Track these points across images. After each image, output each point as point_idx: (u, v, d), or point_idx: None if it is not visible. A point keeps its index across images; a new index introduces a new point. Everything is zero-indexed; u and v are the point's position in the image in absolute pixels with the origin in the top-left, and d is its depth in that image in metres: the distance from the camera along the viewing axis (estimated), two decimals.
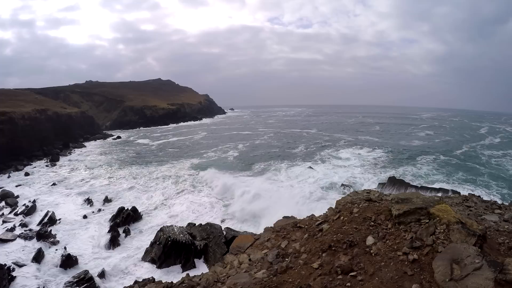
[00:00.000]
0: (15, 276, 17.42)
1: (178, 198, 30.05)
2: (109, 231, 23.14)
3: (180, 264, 18.98)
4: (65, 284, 16.53)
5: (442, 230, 5.54)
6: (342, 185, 30.16)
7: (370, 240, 6.09)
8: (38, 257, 19.66)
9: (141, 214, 26.44)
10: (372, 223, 6.50)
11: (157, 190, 32.26)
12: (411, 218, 6.11)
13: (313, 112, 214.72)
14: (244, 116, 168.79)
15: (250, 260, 7.50)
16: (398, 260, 5.39)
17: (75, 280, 16.72)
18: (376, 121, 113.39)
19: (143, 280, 9.36)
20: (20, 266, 18.71)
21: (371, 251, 5.82)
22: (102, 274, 17.83)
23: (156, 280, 9.03)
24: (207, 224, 22.01)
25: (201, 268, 17.88)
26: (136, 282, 8.94)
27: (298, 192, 28.63)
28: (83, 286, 16.05)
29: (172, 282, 7.29)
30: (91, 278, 16.93)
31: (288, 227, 8.56)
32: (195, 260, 19.51)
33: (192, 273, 11.38)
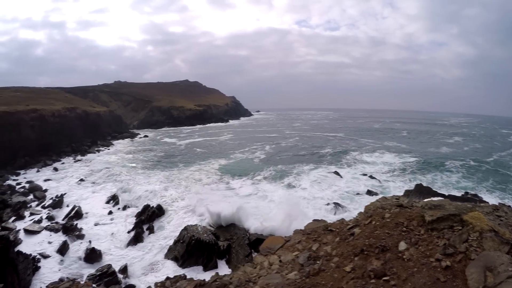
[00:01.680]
0: (40, 267, 17.88)
1: (204, 199, 29.98)
2: (133, 228, 23.37)
3: (202, 264, 18.86)
4: (88, 276, 16.72)
5: (475, 238, 5.60)
6: (368, 191, 29.56)
7: (402, 245, 6.12)
8: (63, 250, 20.10)
9: (166, 212, 26.53)
10: (405, 229, 6.53)
11: (182, 189, 32.36)
12: (444, 225, 6.18)
13: (340, 116, 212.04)
14: (271, 119, 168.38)
15: (280, 261, 7.48)
16: (431, 266, 5.44)
17: (98, 273, 16.90)
18: (403, 127, 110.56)
19: (175, 276, 9.34)
20: (45, 257, 19.19)
21: (404, 256, 5.85)
22: (124, 270, 17.95)
23: (188, 278, 8.96)
24: (231, 225, 21.90)
25: (223, 269, 17.74)
26: (168, 278, 8.95)
27: (320, 197, 28.32)
28: (105, 280, 16.17)
29: (204, 280, 7.25)
30: (114, 273, 17.08)
31: (319, 230, 8.62)
32: (218, 260, 19.34)
33: (213, 273, 11.21)
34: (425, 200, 8.37)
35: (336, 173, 35.82)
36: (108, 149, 60.62)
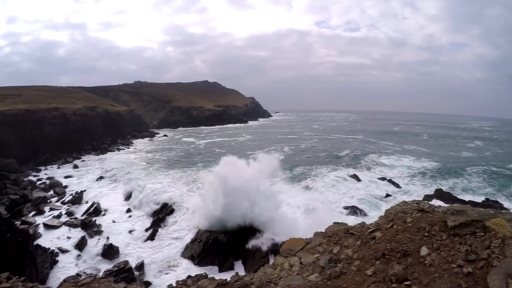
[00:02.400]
0: (58, 261, 18.16)
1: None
2: (150, 226, 23.54)
3: (218, 264, 18.79)
4: (104, 272, 16.86)
5: (497, 244, 5.59)
6: (387, 195, 29.11)
7: (424, 250, 6.14)
8: (81, 245, 20.38)
9: (182, 211, 26.53)
10: (426, 234, 6.55)
11: (201, 188, 32.40)
12: (467, 231, 6.19)
13: (359, 118, 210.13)
14: (290, 120, 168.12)
15: (301, 263, 7.51)
16: (452, 272, 5.49)
17: (115, 269, 17.02)
18: (423, 130, 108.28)
19: (196, 275, 9.44)
20: (63, 251, 19.48)
21: (425, 261, 5.88)
22: (140, 267, 18.03)
23: (209, 277, 8.97)
24: (249, 226, 21.71)
25: (239, 270, 17.59)
26: (189, 276, 9.07)
27: (338, 200, 28.06)
28: (121, 276, 16.22)
29: (226, 279, 7.30)
30: (130, 269, 17.18)
31: (340, 233, 8.40)
32: (234, 261, 19.26)
33: (229, 274, 11.12)
34: (448, 205, 8.29)
35: (355, 176, 35.36)
36: (128, 147, 61.64)
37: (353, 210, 24.93)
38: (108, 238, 21.47)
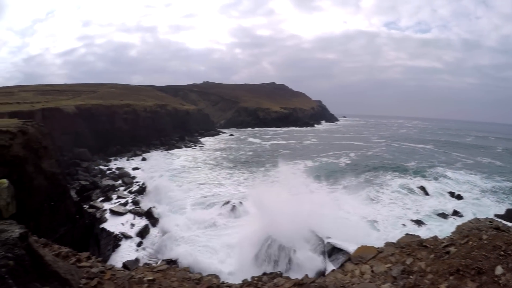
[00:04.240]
0: (120, 245, 18.65)
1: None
2: (211, 221, 23.46)
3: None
4: (162, 261, 16.86)
5: None
6: (455, 211, 27.04)
7: (499, 270, 5.82)
8: (143, 233, 20.94)
9: (244, 208, 26.16)
10: (502, 253, 6.19)
11: (266, 186, 32.07)
12: None
13: (430, 126, 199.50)
14: (357, 125, 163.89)
15: (372, 271, 7.43)
16: None
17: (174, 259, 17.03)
18: (498, 143, 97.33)
19: (271, 272, 9.30)
20: (126, 237, 20.10)
21: (500, 281, 5.56)
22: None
23: (283, 276, 8.67)
24: (310, 230, 20.83)
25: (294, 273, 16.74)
26: (264, 273, 8.91)
27: (403, 213, 26.60)
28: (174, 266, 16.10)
29: (302, 279, 6.95)
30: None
31: (413, 245, 8.13)
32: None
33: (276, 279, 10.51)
34: None
35: (422, 188, 33.14)
36: (195, 145, 63.48)
37: (417, 224, 24.19)
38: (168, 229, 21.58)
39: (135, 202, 26.77)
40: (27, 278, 2.83)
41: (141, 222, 22.81)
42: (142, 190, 29.84)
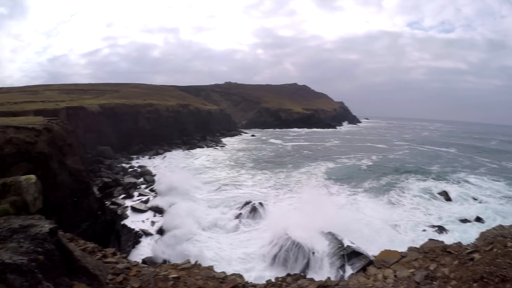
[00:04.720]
0: (140, 241, 18.96)
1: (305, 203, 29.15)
2: (235, 222, 23.54)
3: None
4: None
5: None
6: (478, 218, 26.32)
7: None
8: (163, 230, 20.90)
9: (266, 209, 26.06)
10: None
11: (288, 189, 32.02)
12: None
13: (454, 129, 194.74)
14: (379, 127, 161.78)
15: (395, 276, 7.18)
16: None
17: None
18: None
19: (295, 274, 9.14)
20: (146, 234, 20.40)
21: None
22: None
23: (307, 277, 8.62)
24: (329, 233, 20.56)
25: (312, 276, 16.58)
26: (288, 274, 8.73)
27: (425, 219, 26.08)
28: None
29: (326, 282, 6.87)
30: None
31: (437, 250, 7.91)
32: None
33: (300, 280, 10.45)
34: None
35: (445, 193, 32.36)
36: (217, 144, 63.87)
37: (439, 230, 23.65)
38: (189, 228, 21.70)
39: (155, 200, 27.02)
40: (56, 272, 2.87)
41: (161, 220, 23.04)
42: (162, 188, 30.11)
